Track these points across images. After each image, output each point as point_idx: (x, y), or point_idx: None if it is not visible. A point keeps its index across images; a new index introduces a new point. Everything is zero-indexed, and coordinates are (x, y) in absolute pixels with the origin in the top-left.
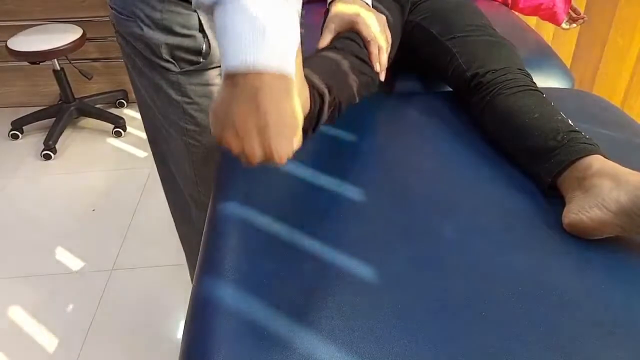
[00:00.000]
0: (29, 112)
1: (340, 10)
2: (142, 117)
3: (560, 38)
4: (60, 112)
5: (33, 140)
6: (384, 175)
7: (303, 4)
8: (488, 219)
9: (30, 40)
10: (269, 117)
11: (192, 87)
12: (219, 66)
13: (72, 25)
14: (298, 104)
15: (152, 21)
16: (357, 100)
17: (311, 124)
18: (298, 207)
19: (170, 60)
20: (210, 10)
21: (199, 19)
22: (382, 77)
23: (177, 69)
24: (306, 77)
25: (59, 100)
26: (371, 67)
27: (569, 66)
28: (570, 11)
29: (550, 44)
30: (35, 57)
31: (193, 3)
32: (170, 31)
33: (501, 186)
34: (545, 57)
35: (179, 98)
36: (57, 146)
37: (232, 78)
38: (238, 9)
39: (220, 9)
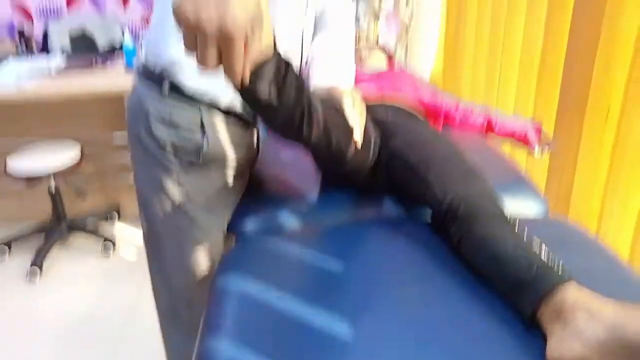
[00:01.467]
0: (19, 229)
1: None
2: (140, 215)
3: (534, 161)
4: (50, 230)
5: (21, 258)
6: (367, 307)
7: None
8: (473, 352)
9: (27, 162)
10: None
11: (189, 186)
12: (216, 161)
13: (70, 141)
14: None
15: (161, 119)
16: (323, 126)
17: (279, 72)
18: (286, 341)
19: (173, 159)
20: None
21: (201, 116)
22: (357, 136)
23: (178, 168)
24: None
25: (51, 218)
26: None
27: (543, 187)
28: (540, 138)
29: (524, 166)
30: (33, 183)
31: None
32: (175, 127)
33: (485, 317)
34: (519, 183)
35: (177, 196)
36: (44, 264)
37: None
38: None
39: None
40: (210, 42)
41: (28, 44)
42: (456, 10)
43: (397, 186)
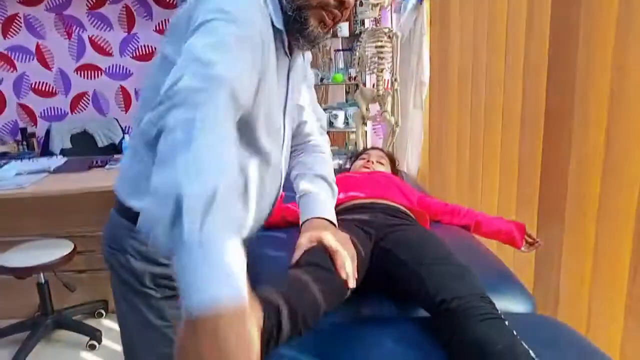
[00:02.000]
0: (4, 324)
1: (309, 230)
2: (121, 339)
3: (521, 260)
4: (35, 325)
5: (3, 355)
6: None
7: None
8: None
9: (21, 257)
10: (228, 354)
11: (171, 311)
12: None
13: (64, 240)
14: (254, 329)
15: (139, 253)
16: (326, 307)
17: (271, 336)
18: None
19: (153, 287)
20: (169, 254)
21: None
22: (351, 284)
23: (158, 295)
24: (262, 294)
25: (37, 312)
26: (339, 276)
27: (531, 286)
28: (526, 237)
29: (511, 265)
30: (23, 273)
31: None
32: (153, 261)
33: None
34: (507, 281)
35: (158, 322)
36: None
37: (193, 317)
38: (191, 249)
39: (176, 254)
40: None
41: (29, 143)
42: (438, 119)
43: (390, 283)
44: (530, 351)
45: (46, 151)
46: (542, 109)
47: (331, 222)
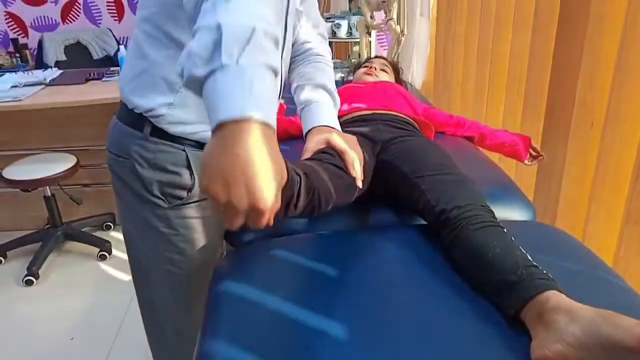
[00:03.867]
0: (14, 237)
1: (315, 136)
2: (127, 250)
3: (523, 172)
4: (46, 237)
5: (16, 265)
6: (362, 311)
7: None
8: (463, 354)
9: (24, 170)
10: (254, 161)
11: (178, 220)
12: (198, 200)
13: (66, 154)
14: (279, 153)
15: (145, 160)
16: (336, 198)
17: (290, 200)
18: (283, 344)
19: (160, 196)
20: (199, 87)
21: (186, 156)
22: (359, 184)
23: (165, 204)
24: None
25: (46, 225)
26: (348, 173)
27: (532, 196)
28: (530, 150)
29: (513, 176)
30: (28, 185)
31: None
32: (161, 169)
33: (471, 319)
34: (508, 190)
35: (166, 231)
36: (40, 271)
37: (221, 129)
38: (228, 71)
39: (210, 80)
40: (240, 215)
41: (23, 56)
42: (445, 28)
43: (391, 193)
44: (529, 255)
45: (40, 63)
46: (556, 15)
47: (335, 129)
